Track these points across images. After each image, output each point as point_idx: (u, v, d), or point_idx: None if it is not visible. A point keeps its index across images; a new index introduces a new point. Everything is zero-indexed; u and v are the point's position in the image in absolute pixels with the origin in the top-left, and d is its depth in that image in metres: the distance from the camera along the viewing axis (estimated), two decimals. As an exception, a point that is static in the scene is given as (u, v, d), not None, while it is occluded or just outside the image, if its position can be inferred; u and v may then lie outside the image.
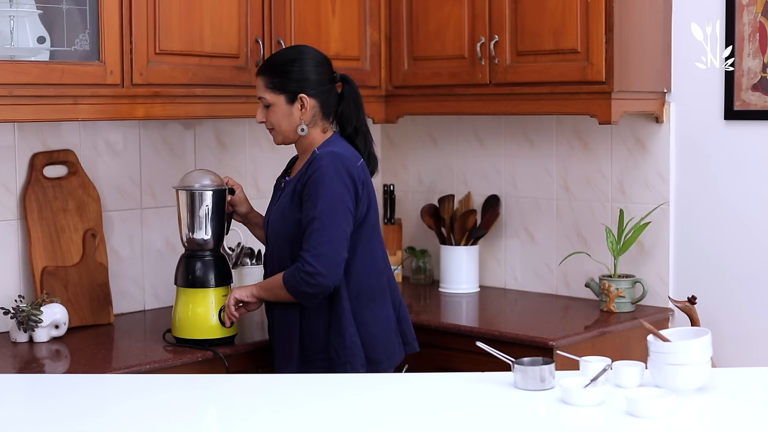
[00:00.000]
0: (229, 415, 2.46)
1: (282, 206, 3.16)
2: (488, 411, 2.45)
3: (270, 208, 3.26)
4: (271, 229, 3.20)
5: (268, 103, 3.19)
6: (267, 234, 3.24)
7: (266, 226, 3.25)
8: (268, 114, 3.20)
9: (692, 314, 3.59)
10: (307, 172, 3.09)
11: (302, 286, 3.04)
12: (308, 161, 3.13)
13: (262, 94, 3.20)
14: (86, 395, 2.62)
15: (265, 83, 3.19)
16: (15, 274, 3.47)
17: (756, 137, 3.66)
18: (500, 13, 3.77)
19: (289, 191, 3.16)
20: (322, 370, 3.07)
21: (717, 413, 2.43)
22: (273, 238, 3.20)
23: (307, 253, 3.03)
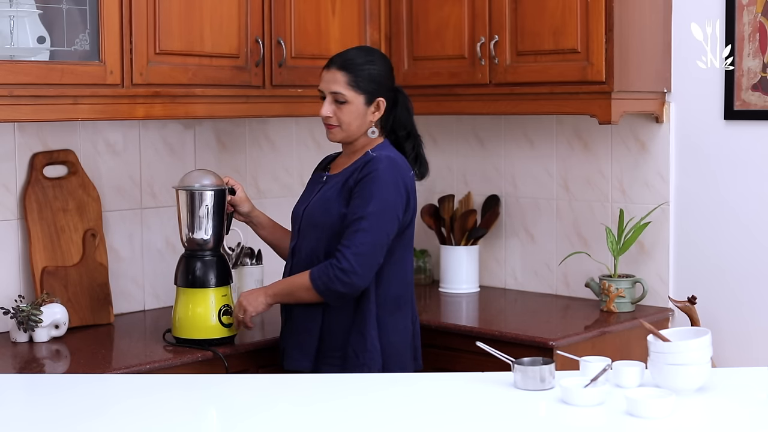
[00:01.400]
0: (229, 415, 2.46)
1: (326, 198, 3.16)
2: (488, 411, 2.45)
3: (305, 199, 3.26)
4: (308, 219, 3.19)
5: (344, 100, 3.15)
6: (300, 224, 3.22)
7: (299, 216, 3.23)
8: (337, 110, 3.17)
9: (692, 314, 3.59)
10: (363, 170, 3.10)
11: (334, 283, 3.04)
12: (362, 160, 3.14)
13: (339, 89, 3.16)
14: (86, 395, 2.62)
15: (346, 80, 3.15)
16: (15, 274, 3.47)
17: (756, 137, 3.66)
18: (500, 13, 3.77)
19: (335, 185, 3.16)
20: (335, 369, 3.07)
21: (717, 413, 2.43)
22: (309, 227, 3.18)
23: (347, 249, 3.04)
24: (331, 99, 3.17)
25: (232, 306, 3.29)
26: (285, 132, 4.18)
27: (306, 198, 3.27)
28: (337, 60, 3.18)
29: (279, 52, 3.67)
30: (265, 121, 4.11)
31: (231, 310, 3.28)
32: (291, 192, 4.20)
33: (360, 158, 3.16)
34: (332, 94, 3.16)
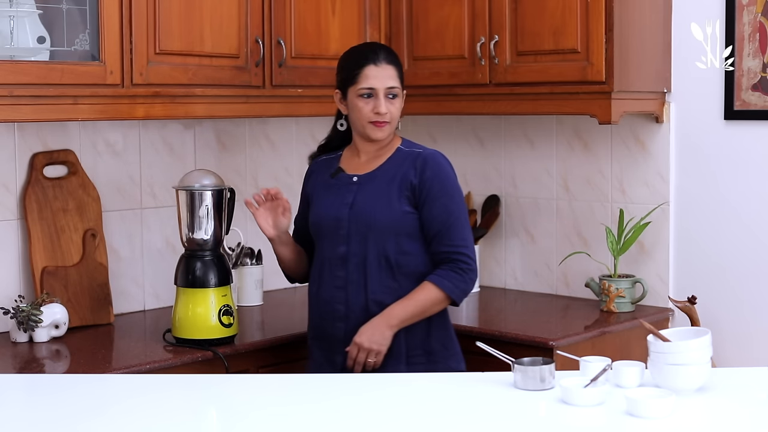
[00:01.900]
0: (229, 415, 2.45)
1: (382, 198, 3.06)
2: (488, 411, 2.45)
3: (335, 203, 3.11)
4: (362, 222, 3.05)
5: (397, 94, 3.10)
6: (347, 229, 3.07)
7: (343, 220, 3.07)
8: (390, 106, 3.10)
9: (692, 314, 3.59)
10: (424, 168, 3.06)
11: (468, 285, 3.04)
12: (407, 157, 3.10)
13: (395, 83, 3.10)
14: (86, 395, 2.62)
15: (396, 74, 3.11)
16: (15, 274, 3.47)
17: (756, 137, 3.66)
18: (500, 13, 3.77)
19: (385, 184, 3.07)
20: (420, 368, 3.03)
21: (717, 413, 2.43)
22: (364, 230, 3.05)
23: (464, 248, 3.03)
24: (384, 94, 3.07)
25: (232, 306, 3.29)
26: (285, 132, 4.18)
27: (337, 202, 3.12)
28: (381, 54, 3.10)
29: (279, 52, 3.67)
30: (265, 121, 4.10)
31: (231, 310, 3.27)
32: (291, 192, 4.19)
33: (397, 155, 3.11)
34: (388, 89, 3.08)
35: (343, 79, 3.13)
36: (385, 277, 3.05)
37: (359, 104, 3.08)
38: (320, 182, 3.21)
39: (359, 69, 3.08)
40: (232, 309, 3.28)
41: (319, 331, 3.13)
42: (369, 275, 3.05)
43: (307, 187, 3.26)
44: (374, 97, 3.07)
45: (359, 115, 3.09)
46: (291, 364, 3.39)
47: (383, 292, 3.05)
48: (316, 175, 3.23)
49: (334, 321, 3.08)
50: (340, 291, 3.08)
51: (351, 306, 3.07)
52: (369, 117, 3.08)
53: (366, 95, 3.08)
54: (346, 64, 3.15)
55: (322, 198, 3.18)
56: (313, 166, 3.28)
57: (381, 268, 3.05)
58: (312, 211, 3.19)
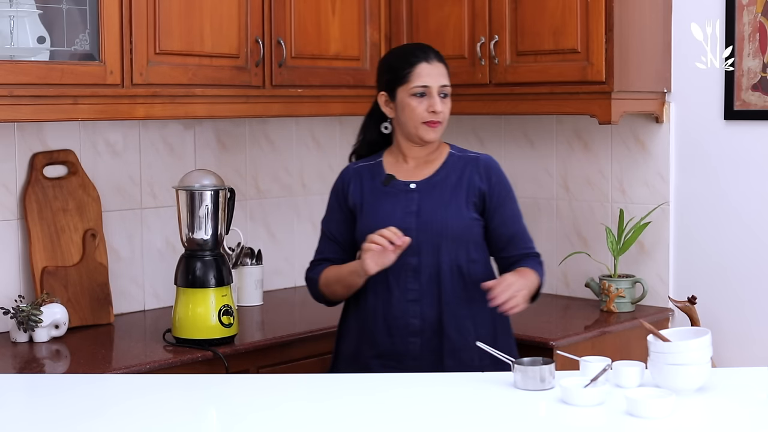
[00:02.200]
0: (229, 416, 2.45)
1: (451, 206, 2.96)
2: (488, 411, 2.45)
3: (394, 212, 2.97)
4: (433, 231, 2.93)
5: (447, 94, 3.01)
6: (416, 239, 2.92)
7: (410, 230, 2.92)
8: (443, 105, 3.00)
9: (692, 314, 3.59)
10: (489, 173, 3.01)
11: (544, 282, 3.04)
12: (470, 161, 3.02)
13: (447, 82, 3.01)
14: (86, 395, 2.62)
15: (446, 72, 3.02)
16: (15, 274, 3.47)
17: (756, 137, 3.66)
18: (500, 13, 3.77)
19: (449, 191, 2.98)
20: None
21: (717, 413, 2.42)
22: (436, 239, 2.94)
23: (535, 249, 3.05)
24: (437, 93, 2.98)
25: (232, 306, 3.29)
26: (285, 132, 4.18)
27: (398, 210, 2.97)
28: (430, 52, 3.02)
29: (279, 52, 3.67)
30: (265, 121, 4.10)
31: (231, 310, 3.27)
32: (291, 192, 4.21)
33: (451, 159, 3.03)
34: (442, 87, 2.99)
35: (392, 79, 3.01)
36: (458, 288, 2.96)
37: (412, 104, 2.97)
38: (367, 190, 3.05)
39: (411, 67, 2.98)
40: (232, 309, 3.28)
41: (386, 348, 2.96)
42: (443, 286, 2.95)
43: (347, 196, 3.07)
44: (428, 96, 2.97)
45: (412, 116, 2.98)
46: (291, 364, 3.39)
47: (457, 303, 2.95)
48: (357, 183, 3.07)
49: (408, 336, 2.94)
50: (413, 305, 2.94)
51: (426, 319, 2.94)
52: (423, 117, 2.97)
53: (419, 94, 2.97)
54: (394, 63, 3.04)
55: (376, 207, 3.01)
56: (349, 175, 3.11)
57: (454, 278, 2.96)
58: (365, 221, 3.00)
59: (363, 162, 3.13)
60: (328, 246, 3.13)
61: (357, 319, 3.03)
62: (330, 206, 3.14)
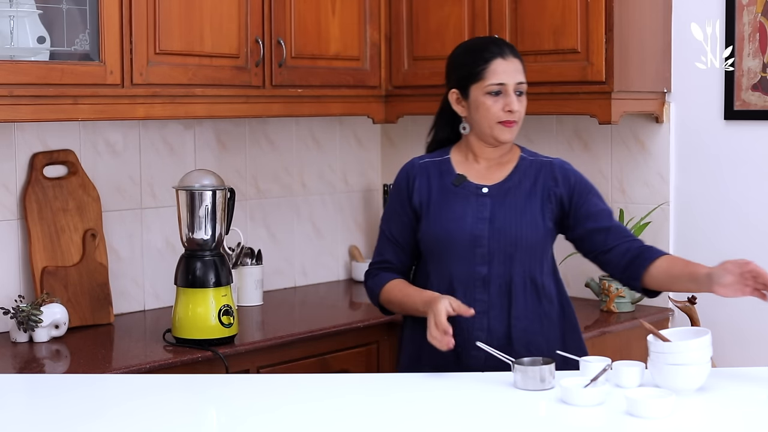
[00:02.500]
0: (229, 416, 2.45)
1: (523, 213, 2.82)
2: (488, 411, 2.45)
3: (465, 216, 2.82)
4: (508, 240, 2.80)
5: (524, 91, 2.86)
6: (488, 247, 2.80)
7: (482, 238, 2.80)
8: (518, 104, 2.84)
9: (692, 314, 3.59)
10: (567, 176, 2.87)
11: None
12: (544, 166, 2.88)
13: (524, 79, 2.85)
14: (86, 396, 2.62)
15: (523, 68, 2.86)
16: (15, 274, 3.47)
17: (756, 137, 3.66)
18: (500, 13, 3.77)
19: (520, 198, 2.84)
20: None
21: (717, 413, 2.42)
22: (509, 248, 2.80)
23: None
24: (513, 90, 2.82)
25: (232, 306, 3.28)
26: (285, 132, 4.18)
27: (469, 215, 2.83)
28: (506, 46, 2.86)
29: (279, 52, 3.67)
30: (265, 121, 4.10)
31: (231, 310, 3.27)
32: (291, 192, 4.21)
33: (523, 163, 2.89)
34: (518, 84, 2.83)
35: (464, 76, 2.85)
36: (530, 301, 2.83)
37: (487, 103, 2.81)
38: (435, 189, 2.89)
39: (486, 64, 2.81)
40: (232, 309, 3.28)
41: (446, 360, 2.79)
42: (514, 299, 2.81)
43: (413, 193, 2.91)
44: (504, 94, 2.81)
45: (486, 115, 2.82)
46: (291, 364, 3.39)
47: (527, 317, 2.82)
48: (424, 179, 2.91)
49: (471, 350, 2.78)
50: (481, 317, 2.79)
51: (493, 333, 2.80)
52: (498, 116, 2.81)
53: (494, 92, 2.81)
54: (467, 59, 2.87)
55: (444, 209, 2.86)
56: (415, 170, 2.94)
57: (526, 290, 2.82)
58: (431, 223, 2.86)
59: (429, 157, 2.96)
60: (388, 248, 2.96)
61: (418, 328, 2.85)
62: (391, 204, 2.97)
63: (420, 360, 2.87)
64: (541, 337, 2.83)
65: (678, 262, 2.80)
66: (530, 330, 2.82)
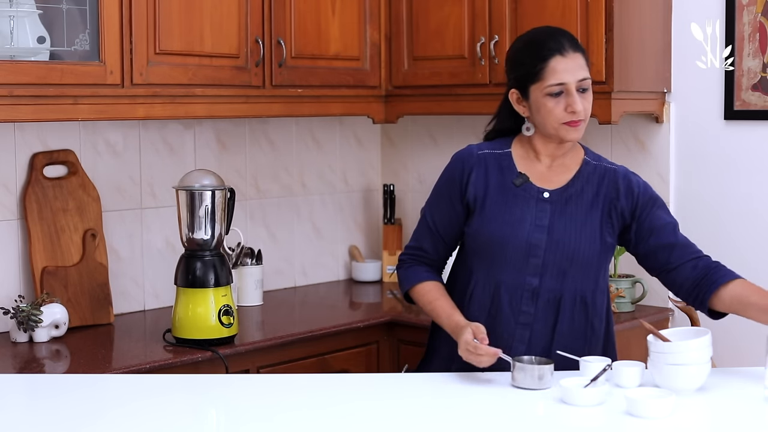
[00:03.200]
0: (229, 416, 2.45)
1: (583, 225, 2.70)
2: (488, 411, 2.45)
3: (523, 221, 2.70)
4: (563, 252, 2.68)
5: (587, 87, 2.69)
6: (543, 257, 2.68)
7: (539, 247, 2.69)
8: (584, 101, 2.68)
9: (692, 314, 3.59)
10: (630, 187, 2.74)
11: None
12: (607, 174, 2.75)
13: (586, 74, 2.68)
14: (86, 396, 2.61)
15: (585, 62, 2.68)
16: (15, 274, 3.47)
17: (756, 137, 3.66)
18: (500, 13, 3.77)
19: (581, 208, 2.71)
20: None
21: (717, 413, 2.43)
22: (563, 262, 2.67)
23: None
24: (577, 88, 2.66)
25: (232, 306, 3.28)
26: (285, 132, 4.18)
27: (527, 221, 2.70)
28: (564, 41, 2.68)
29: (279, 52, 3.67)
30: (265, 121, 4.10)
31: (231, 310, 3.27)
32: (291, 192, 4.20)
33: (586, 169, 2.75)
34: (580, 81, 2.66)
35: (523, 76, 2.70)
36: (577, 319, 2.72)
37: (549, 104, 2.66)
38: (494, 185, 2.74)
39: (544, 62, 2.65)
40: (232, 309, 3.28)
41: (479, 368, 2.66)
42: (561, 315, 2.71)
43: (468, 185, 2.76)
44: (566, 94, 2.66)
45: (549, 117, 2.67)
46: (291, 364, 3.39)
47: (571, 335, 2.72)
48: (482, 172, 2.75)
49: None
50: (524, 329, 2.71)
51: (533, 347, 2.70)
52: (562, 118, 2.67)
53: (556, 93, 2.67)
54: (524, 57, 2.71)
55: (501, 210, 2.71)
56: (473, 159, 2.77)
57: (575, 308, 2.71)
58: (485, 223, 2.72)
59: (488, 147, 2.79)
60: (427, 237, 2.82)
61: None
62: (438, 192, 2.82)
63: (455, 355, 2.70)
64: (583, 354, 2.69)
65: (752, 291, 2.68)
66: (571, 348, 2.70)
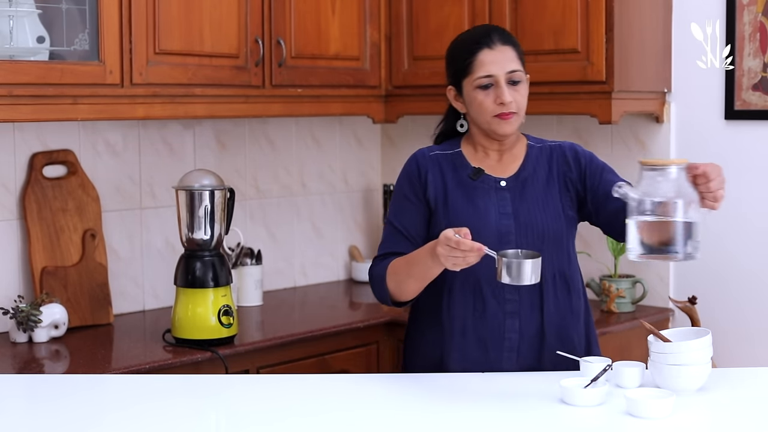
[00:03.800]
0: (229, 416, 2.45)
1: (545, 204, 2.72)
2: (488, 411, 2.44)
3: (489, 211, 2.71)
4: (535, 232, 2.69)
5: (519, 80, 2.72)
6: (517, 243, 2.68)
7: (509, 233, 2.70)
8: (515, 93, 2.70)
9: (692, 314, 3.59)
10: (577, 157, 2.77)
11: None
12: (554, 151, 2.79)
13: (516, 66, 2.71)
14: (85, 396, 2.61)
15: (516, 55, 2.72)
16: (14, 274, 3.47)
17: (756, 137, 3.66)
18: (500, 12, 3.77)
19: (538, 189, 2.74)
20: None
21: (717, 413, 2.42)
22: (536, 241, 2.68)
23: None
24: (506, 80, 2.69)
25: (232, 306, 3.28)
26: (285, 132, 4.18)
27: (492, 210, 2.72)
28: (494, 35, 2.72)
29: (279, 51, 3.66)
30: (265, 121, 4.10)
31: (231, 311, 3.27)
32: (291, 192, 4.20)
33: (532, 152, 2.79)
34: (509, 74, 2.69)
35: (455, 72, 2.76)
36: (561, 297, 2.74)
37: (479, 97, 2.70)
38: (451, 183, 2.76)
39: (472, 56, 2.70)
40: (232, 309, 3.28)
41: (477, 362, 2.71)
42: (545, 296, 2.71)
43: (426, 186, 2.77)
44: (495, 86, 2.69)
45: (481, 110, 2.71)
46: (291, 364, 3.39)
47: (558, 314, 2.73)
48: (437, 173, 2.78)
49: (503, 352, 2.70)
50: (512, 318, 2.70)
51: (524, 334, 2.70)
52: (493, 110, 2.70)
53: (485, 86, 2.70)
54: (456, 53, 2.77)
55: (464, 204, 2.73)
56: (426, 161, 2.80)
57: (557, 286, 2.73)
58: (452, 220, 2.71)
59: (439, 149, 2.82)
60: (399, 242, 2.77)
61: (438, 332, 2.76)
62: (401, 195, 2.81)
63: (446, 364, 2.74)
64: (574, 332, 2.75)
65: None
66: (562, 326, 2.73)
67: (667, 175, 2.41)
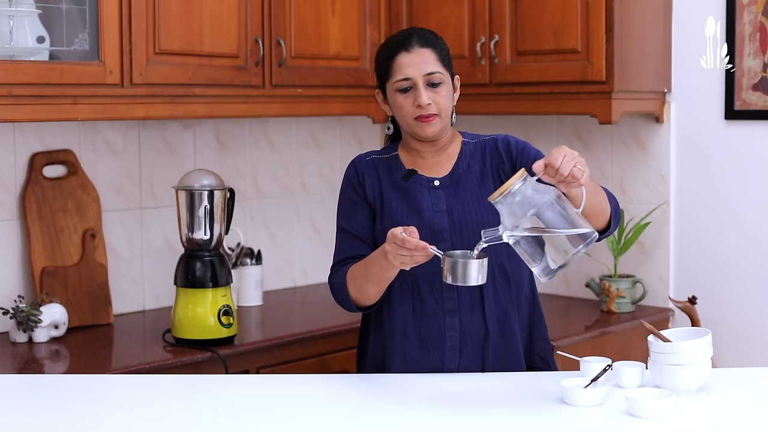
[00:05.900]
0: (228, 416, 2.45)
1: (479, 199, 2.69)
2: (488, 411, 2.44)
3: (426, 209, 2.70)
4: (473, 228, 2.65)
5: (440, 81, 2.68)
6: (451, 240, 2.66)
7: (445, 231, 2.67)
8: (435, 95, 2.67)
9: (692, 314, 3.59)
10: (507, 147, 2.72)
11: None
12: (487, 145, 2.75)
13: (435, 68, 2.68)
14: (85, 396, 2.61)
15: (436, 57, 2.69)
16: (14, 274, 3.47)
17: (756, 137, 3.66)
18: (500, 12, 3.77)
19: (472, 185, 2.71)
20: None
21: (717, 413, 2.42)
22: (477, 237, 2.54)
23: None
24: (424, 83, 2.67)
25: (232, 306, 3.28)
26: (285, 132, 4.18)
27: (425, 209, 2.70)
28: (413, 37, 2.70)
29: (279, 51, 3.66)
30: (265, 121, 4.10)
31: (231, 311, 3.27)
32: (291, 192, 4.20)
33: (467, 148, 2.76)
34: (427, 76, 2.66)
35: (379, 76, 2.76)
36: (501, 290, 2.70)
37: (399, 100, 2.69)
38: (386, 186, 2.76)
39: (391, 59, 2.70)
40: (232, 309, 3.28)
41: (419, 364, 2.71)
42: (485, 291, 2.68)
43: (365, 188, 2.79)
44: (414, 89, 2.67)
45: (402, 113, 2.70)
46: (291, 364, 3.39)
47: (499, 308, 2.70)
48: (373, 176, 2.79)
49: (445, 351, 2.69)
50: (452, 316, 2.68)
51: (467, 332, 2.69)
52: (412, 113, 2.68)
53: (404, 89, 2.68)
54: (379, 57, 2.76)
55: (399, 204, 2.73)
56: (362, 165, 2.81)
57: (496, 279, 2.69)
58: (387, 221, 2.72)
59: (375, 154, 2.84)
60: (352, 244, 2.77)
61: (380, 335, 2.77)
62: (346, 200, 2.81)
63: (389, 367, 2.75)
64: (517, 325, 2.72)
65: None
66: (504, 320, 2.70)
67: (513, 195, 2.35)
